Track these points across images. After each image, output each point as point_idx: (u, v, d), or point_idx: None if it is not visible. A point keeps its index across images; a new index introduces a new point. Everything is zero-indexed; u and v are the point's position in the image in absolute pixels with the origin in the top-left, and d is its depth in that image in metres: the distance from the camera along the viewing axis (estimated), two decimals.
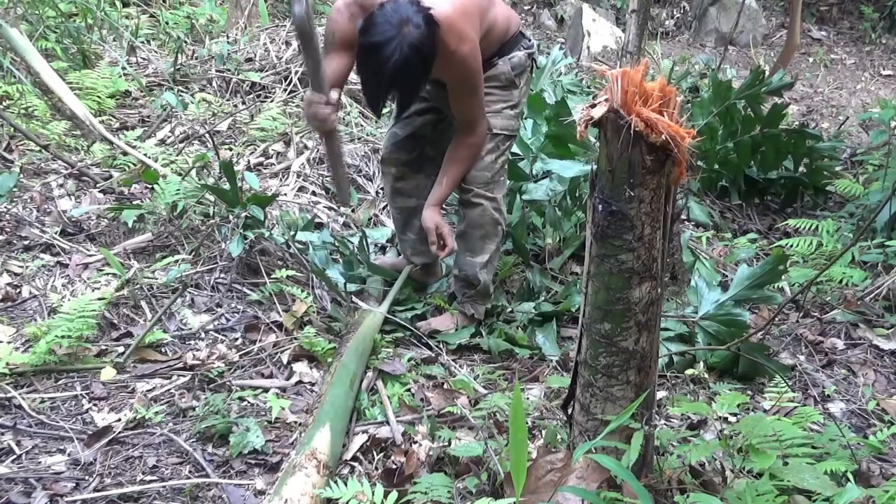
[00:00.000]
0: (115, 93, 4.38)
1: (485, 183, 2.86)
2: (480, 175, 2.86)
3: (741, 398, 2.08)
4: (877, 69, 8.71)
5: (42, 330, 2.45)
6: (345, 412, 2.25)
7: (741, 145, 4.29)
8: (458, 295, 3.01)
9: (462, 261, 2.96)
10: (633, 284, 1.70)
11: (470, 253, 2.94)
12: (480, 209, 2.88)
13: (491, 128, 2.82)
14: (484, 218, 2.89)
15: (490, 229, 2.92)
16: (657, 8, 9.21)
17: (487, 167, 2.86)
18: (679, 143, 1.58)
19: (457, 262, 2.99)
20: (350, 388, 2.34)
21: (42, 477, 1.99)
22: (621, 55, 5.64)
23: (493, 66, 2.78)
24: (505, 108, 2.85)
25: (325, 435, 2.04)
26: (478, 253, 2.93)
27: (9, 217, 3.11)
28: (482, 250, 2.93)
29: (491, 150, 2.86)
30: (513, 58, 2.81)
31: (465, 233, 2.93)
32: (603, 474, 1.73)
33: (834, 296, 3.46)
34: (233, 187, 2.99)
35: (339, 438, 2.12)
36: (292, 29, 5.19)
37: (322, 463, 1.95)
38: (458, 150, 2.79)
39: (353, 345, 2.53)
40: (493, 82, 2.80)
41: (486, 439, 2.08)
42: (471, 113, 2.71)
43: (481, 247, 2.93)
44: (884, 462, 2.31)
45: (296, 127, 4.25)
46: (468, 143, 2.77)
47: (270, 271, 3.01)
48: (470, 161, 2.81)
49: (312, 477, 1.89)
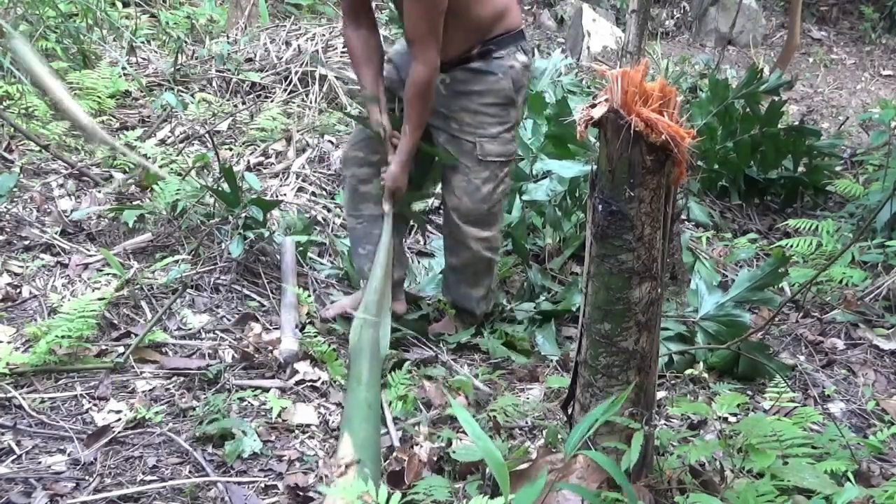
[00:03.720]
0: (115, 93, 4.38)
1: (478, 219, 2.68)
2: (475, 209, 2.66)
3: (741, 398, 2.08)
4: (877, 69, 8.71)
5: (42, 330, 2.45)
6: (358, 411, 2.20)
7: (741, 145, 4.29)
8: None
9: (457, 292, 2.85)
10: (633, 284, 1.70)
11: (466, 286, 2.83)
12: (470, 253, 2.74)
13: (483, 154, 2.62)
14: (474, 260, 2.76)
15: (482, 267, 2.79)
16: (657, 8, 9.21)
17: (484, 199, 2.66)
18: (679, 143, 1.58)
19: (451, 291, 2.88)
20: (357, 384, 2.28)
21: (42, 477, 1.98)
22: (621, 55, 5.64)
23: (491, 77, 2.58)
24: (502, 131, 2.63)
25: (346, 441, 2.05)
26: (474, 286, 2.82)
27: (9, 217, 3.11)
28: (478, 284, 2.82)
29: (487, 180, 2.65)
30: (512, 68, 2.60)
31: (459, 268, 2.81)
32: (603, 474, 1.73)
33: (834, 296, 3.46)
34: (233, 189, 2.99)
35: (363, 436, 2.10)
36: (293, 29, 5.20)
37: (347, 464, 1.96)
38: (408, 89, 2.52)
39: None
40: (490, 99, 2.59)
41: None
42: (415, 30, 2.45)
43: (477, 281, 2.81)
44: (884, 462, 2.31)
45: (296, 126, 4.26)
46: (413, 81, 2.49)
47: (270, 272, 3.01)
48: (421, 100, 2.51)
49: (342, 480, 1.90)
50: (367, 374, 2.30)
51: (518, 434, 2.33)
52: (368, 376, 2.30)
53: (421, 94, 2.50)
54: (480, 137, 2.62)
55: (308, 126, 4.28)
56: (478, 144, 2.63)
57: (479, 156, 2.64)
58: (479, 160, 2.64)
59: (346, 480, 1.89)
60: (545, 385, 2.61)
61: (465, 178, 2.66)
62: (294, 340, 2.58)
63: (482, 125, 2.61)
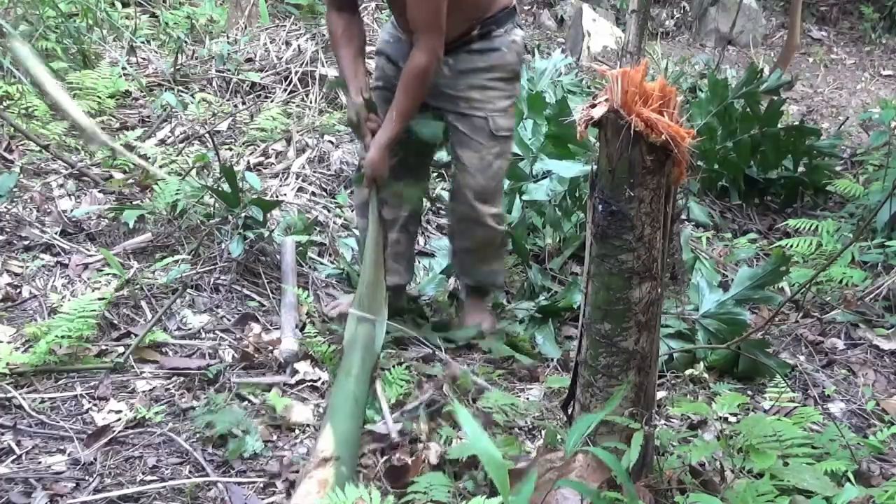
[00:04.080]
0: (115, 93, 4.38)
1: (491, 195, 2.70)
2: (487, 185, 2.68)
3: (741, 398, 2.08)
4: (877, 69, 8.70)
5: (42, 330, 2.45)
6: (344, 404, 2.18)
7: (740, 145, 4.29)
8: (470, 297, 2.90)
9: (476, 272, 2.85)
10: (633, 284, 1.70)
11: (482, 264, 2.83)
12: (485, 231, 2.74)
13: (496, 129, 2.63)
14: (492, 236, 2.77)
15: (497, 242, 2.82)
16: (657, 8, 9.20)
17: (494, 175, 2.69)
18: (679, 143, 1.58)
19: (469, 274, 2.88)
20: (346, 376, 2.26)
21: (42, 477, 1.98)
22: (621, 55, 5.64)
23: (496, 53, 2.61)
24: (509, 105, 2.67)
25: (328, 434, 2.02)
26: (491, 262, 2.84)
27: (9, 217, 3.11)
28: (495, 259, 2.85)
29: (497, 155, 2.67)
30: (514, 42, 2.63)
31: (473, 249, 2.80)
32: (603, 474, 1.73)
33: (834, 296, 3.46)
34: (233, 189, 2.99)
35: (344, 431, 2.07)
36: (293, 29, 5.20)
37: (325, 458, 1.94)
38: (404, 76, 2.48)
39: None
40: (498, 73, 2.62)
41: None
42: (422, 21, 2.42)
43: (494, 257, 2.84)
44: (884, 462, 2.31)
45: (296, 127, 4.26)
46: (412, 67, 2.46)
47: (270, 272, 3.01)
48: (418, 87, 2.48)
49: (319, 476, 1.88)
50: (357, 367, 2.28)
51: (518, 434, 2.33)
52: (359, 370, 2.27)
53: (420, 81, 2.47)
54: (491, 112, 2.63)
55: (308, 126, 4.28)
56: (490, 119, 2.64)
57: (492, 130, 2.64)
58: (492, 135, 2.64)
59: (321, 477, 1.88)
60: (545, 385, 2.61)
61: (478, 154, 2.66)
62: (294, 340, 2.58)
63: (492, 100, 2.62)
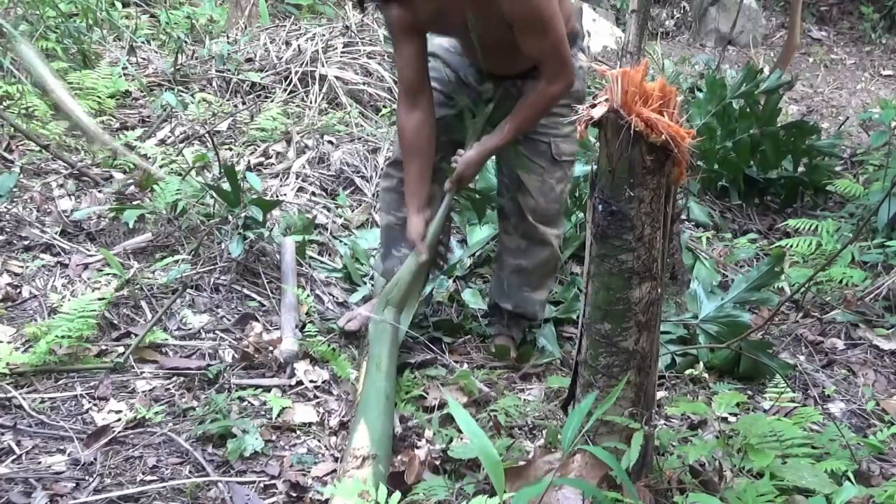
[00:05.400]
0: (116, 93, 4.38)
1: (552, 218, 2.69)
2: (551, 207, 2.67)
3: (740, 397, 2.08)
4: (877, 69, 8.71)
5: (42, 330, 2.45)
6: (376, 400, 2.16)
7: (740, 144, 4.29)
8: (505, 326, 2.85)
9: (520, 297, 2.79)
10: (633, 284, 1.71)
11: (529, 289, 2.78)
12: (549, 250, 2.73)
13: (558, 154, 2.61)
14: (551, 258, 2.76)
15: (553, 265, 2.81)
16: (657, 8, 9.21)
17: (557, 198, 2.67)
18: (679, 143, 1.58)
19: (510, 297, 2.80)
20: (377, 370, 2.25)
21: (42, 477, 1.99)
22: (621, 55, 5.63)
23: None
24: (572, 130, 2.60)
25: (363, 431, 2.02)
26: (537, 289, 2.80)
27: (9, 217, 3.11)
28: (542, 286, 2.81)
29: (560, 180, 2.66)
30: (581, 68, 2.57)
31: (528, 270, 2.76)
32: (601, 472, 1.74)
33: (834, 296, 3.46)
34: (234, 189, 2.99)
35: (378, 428, 2.06)
36: (293, 29, 5.20)
37: (363, 457, 1.94)
38: (537, 97, 2.42)
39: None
40: (565, 100, 2.50)
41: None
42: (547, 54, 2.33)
43: (542, 283, 2.80)
44: (884, 462, 2.31)
45: (296, 127, 4.25)
46: (547, 93, 2.41)
47: (270, 272, 3.01)
48: (541, 113, 2.47)
49: (359, 475, 1.88)
50: (386, 361, 2.28)
51: (518, 434, 2.33)
52: (388, 364, 2.27)
53: (547, 105, 2.46)
54: (555, 137, 2.61)
55: (308, 126, 4.28)
56: (553, 144, 2.62)
57: (554, 155, 2.63)
58: (554, 160, 2.63)
59: (360, 476, 1.87)
60: (545, 385, 2.61)
61: (540, 178, 2.65)
62: (294, 340, 2.58)
63: (556, 125, 2.59)
